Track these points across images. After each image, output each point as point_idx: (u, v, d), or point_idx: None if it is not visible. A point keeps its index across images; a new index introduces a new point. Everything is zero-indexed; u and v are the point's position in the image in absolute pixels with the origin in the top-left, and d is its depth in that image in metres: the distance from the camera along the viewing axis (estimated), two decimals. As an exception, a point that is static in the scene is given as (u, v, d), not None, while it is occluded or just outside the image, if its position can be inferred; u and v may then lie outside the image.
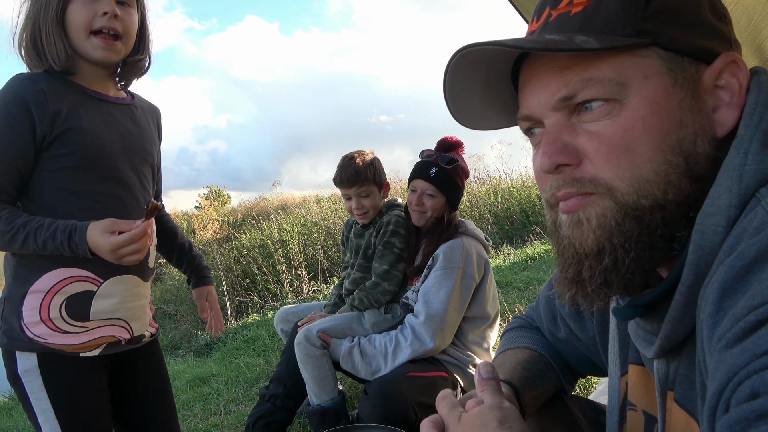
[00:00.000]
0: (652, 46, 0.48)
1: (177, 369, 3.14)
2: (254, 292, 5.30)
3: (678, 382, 0.51)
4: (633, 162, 0.47)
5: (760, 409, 0.31)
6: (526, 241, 5.51)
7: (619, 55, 0.48)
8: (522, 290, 3.40)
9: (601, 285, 0.49)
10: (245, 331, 3.63)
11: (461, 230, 1.76)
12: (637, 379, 0.63)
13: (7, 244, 0.99)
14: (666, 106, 0.47)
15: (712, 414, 0.36)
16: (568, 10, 0.51)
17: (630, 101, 0.47)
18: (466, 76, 0.56)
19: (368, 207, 1.89)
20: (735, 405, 0.33)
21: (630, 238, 0.48)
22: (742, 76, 0.49)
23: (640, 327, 0.56)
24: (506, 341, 0.89)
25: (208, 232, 10.67)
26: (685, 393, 0.50)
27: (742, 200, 0.43)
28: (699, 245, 0.45)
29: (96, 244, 0.98)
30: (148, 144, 1.19)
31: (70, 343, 1.03)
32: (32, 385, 1.01)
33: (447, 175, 1.76)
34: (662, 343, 0.50)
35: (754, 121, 0.46)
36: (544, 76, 0.51)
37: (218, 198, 15.43)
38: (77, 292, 1.04)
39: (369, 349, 1.67)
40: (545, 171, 0.51)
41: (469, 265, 1.68)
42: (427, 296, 1.65)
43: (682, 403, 0.50)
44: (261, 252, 5.89)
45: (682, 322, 0.47)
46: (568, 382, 0.82)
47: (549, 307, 0.84)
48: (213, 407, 2.34)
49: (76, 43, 1.03)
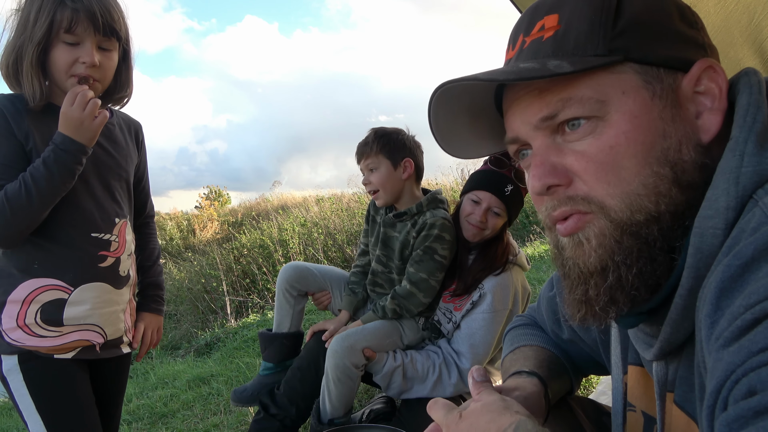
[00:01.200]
0: (627, 62, 0.49)
1: (177, 369, 3.14)
2: (254, 292, 5.30)
3: (678, 384, 0.51)
4: (621, 178, 0.48)
5: (757, 406, 0.31)
6: (526, 241, 5.51)
7: (594, 74, 0.48)
8: (522, 290, 3.41)
9: (608, 303, 0.49)
10: (245, 331, 3.63)
11: (512, 258, 1.60)
12: (636, 380, 0.63)
13: (33, 202, 1.04)
14: (647, 118, 0.48)
15: (711, 413, 0.36)
16: (540, 35, 0.52)
17: (611, 117, 0.48)
18: (449, 108, 0.58)
19: (376, 184, 1.65)
20: (733, 403, 0.33)
21: (630, 254, 0.48)
22: (721, 81, 0.49)
23: (639, 330, 0.56)
24: (515, 338, 0.89)
25: (208, 232, 10.68)
26: (685, 395, 0.50)
27: (740, 202, 0.43)
28: (698, 248, 0.45)
29: (69, 124, 1.05)
30: (123, 160, 1.24)
31: (45, 345, 1.10)
32: (15, 383, 1.09)
33: (519, 196, 1.56)
34: (662, 346, 0.50)
35: (747, 123, 0.46)
36: (525, 99, 0.52)
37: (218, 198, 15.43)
38: (50, 300, 1.11)
39: (410, 372, 1.57)
40: (537, 193, 0.52)
41: (516, 304, 1.58)
42: (473, 339, 1.54)
43: (682, 405, 0.50)
44: (261, 252, 5.89)
45: (681, 325, 0.47)
46: (576, 381, 0.83)
47: (551, 308, 0.84)
48: (213, 407, 2.34)
49: (56, 79, 1.10)
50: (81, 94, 1.05)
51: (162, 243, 10.98)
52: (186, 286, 6.04)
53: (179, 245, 10.55)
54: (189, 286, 5.99)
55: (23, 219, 1.04)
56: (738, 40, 0.99)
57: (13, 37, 1.08)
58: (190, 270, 6.46)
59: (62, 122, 1.05)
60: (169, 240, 11.03)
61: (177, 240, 10.93)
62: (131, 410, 2.44)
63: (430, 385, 1.56)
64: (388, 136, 1.66)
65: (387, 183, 1.66)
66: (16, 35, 1.07)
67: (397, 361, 1.57)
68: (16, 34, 1.07)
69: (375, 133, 1.68)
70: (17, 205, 1.02)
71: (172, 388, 2.71)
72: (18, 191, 1.03)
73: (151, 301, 1.38)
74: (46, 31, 1.04)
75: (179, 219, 12.26)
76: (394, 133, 1.68)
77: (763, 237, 0.38)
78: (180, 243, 10.71)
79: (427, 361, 1.59)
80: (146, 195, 1.37)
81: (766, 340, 0.33)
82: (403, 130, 1.72)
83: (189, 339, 4.46)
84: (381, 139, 1.65)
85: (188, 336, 4.66)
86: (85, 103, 1.05)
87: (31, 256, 1.10)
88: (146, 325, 1.34)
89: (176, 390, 2.66)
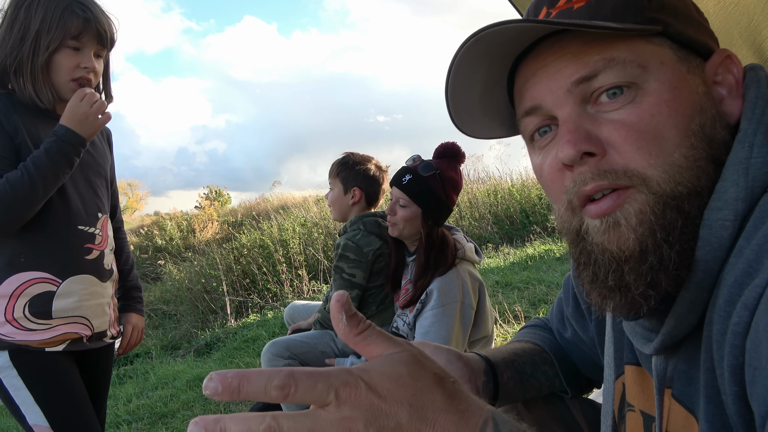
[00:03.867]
0: (662, 36, 0.48)
1: (177, 369, 3.14)
2: (254, 292, 5.30)
3: (676, 378, 0.50)
4: (663, 148, 0.45)
5: None
6: (526, 241, 5.51)
7: (633, 40, 0.47)
8: (522, 290, 3.41)
9: (648, 286, 0.45)
10: (245, 331, 3.63)
11: (458, 257, 1.62)
12: (633, 379, 0.62)
13: (36, 190, 1.07)
14: (685, 91, 0.47)
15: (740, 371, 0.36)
16: (569, 6, 0.50)
17: (650, 86, 0.46)
18: (469, 71, 0.54)
19: (329, 201, 1.90)
20: None
21: (674, 230, 0.45)
22: (737, 71, 0.51)
23: (638, 324, 0.54)
24: (516, 336, 0.90)
25: (208, 232, 10.67)
26: (683, 389, 0.49)
27: (750, 193, 0.43)
28: (706, 240, 0.44)
29: (74, 117, 1.10)
30: (101, 159, 1.31)
31: (35, 339, 1.12)
32: (10, 380, 1.10)
33: (423, 184, 1.59)
34: (664, 339, 0.49)
35: (756, 116, 0.46)
36: (555, 64, 0.49)
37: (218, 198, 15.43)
38: (38, 293, 1.12)
39: None
40: (570, 161, 0.47)
41: (467, 295, 1.58)
42: (428, 337, 1.55)
43: (680, 400, 0.50)
44: (261, 252, 5.88)
45: (686, 318, 0.46)
46: (569, 382, 0.81)
47: (558, 308, 0.84)
48: (213, 407, 2.34)
49: (56, 83, 1.15)
50: (90, 93, 1.13)
51: (162, 243, 10.97)
52: (186, 286, 6.03)
53: (179, 245, 10.54)
54: (189, 286, 5.98)
55: (24, 206, 1.07)
56: (737, 41, 0.99)
57: (4, 38, 1.11)
58: (190, 270, 6.45)
59: (67, 116, 1.11)
60: (169, 240, 11.02)
61: (177, 240, 10.92)
62: (131, 410, 2.44)
63: None
64: (347, 165, 1.89)
65: (336, 203, 1.92)
66: (14, 39, 1.10)
67: (361, 360, 1.65)
68: (14, 38, 1.10)
69: (342, 159, 1.90)
70: (20, 192, 1.05)
71: (172, 388, 2.71)
72: (21, 179, 1.05)
73: (135, 302, 1.43)
74: (59, 38, 1.10)
75: (179, 219, 12.26)
76: (356, 164, 1.89)
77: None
78: (180, 243, 10.70)
79: None
80: (116, 198, 1.43)
81: None
82: (369, 161, 1.91)
83: (189, 339, 4.46)
84: (341, 166, 1.90)
85: (188, 336, 4.65)
86: (92, 101, 1.12)
87: (16, 249, 1.11)
88: (134, 325, 1.40)
89: (176, 390, 2.66)
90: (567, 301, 0.79)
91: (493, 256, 4.97)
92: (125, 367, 3.64)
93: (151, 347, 4.24)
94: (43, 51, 1.09)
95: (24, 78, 1.11)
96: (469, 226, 6.33)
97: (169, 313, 5.94)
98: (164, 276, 7.11)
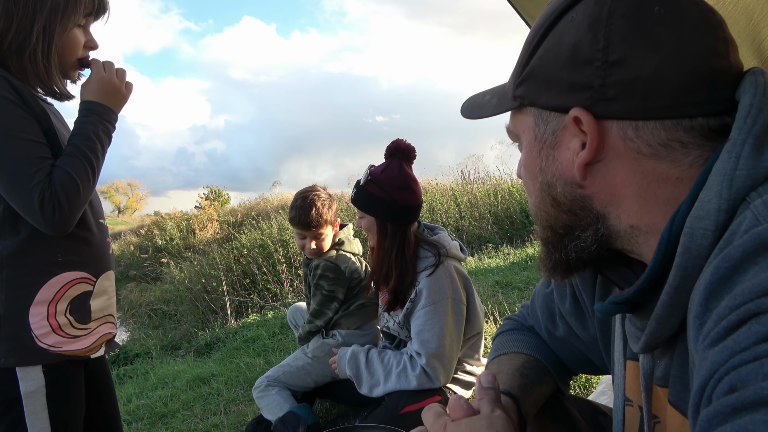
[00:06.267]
0: (531, 105, 0.57)
1: (177, 369, 3.14)
2: (254, 292, 5.30)
3: (672, 383, 0.52)
4: (529, 192, 0.61)
5: (735, 403, 0.32)
6: (526, 241, 5.51)
7: (516, 113, 0.61)
8: (522, 290, 3.41)
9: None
10: (245, 331, 3.63)
11: (443, 254, 1.63)
12: (632, 375, 0.63)
13: (95, 176, 1.01)
14: (531, 155, 0.58)
15: (696, 410, 0.37)
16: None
17: (522, 148, 0.61)
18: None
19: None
20: (715, 400, 0.35)
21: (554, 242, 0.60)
22: (586, 135, 0.51)
23: (631, 323, 0.57)
24: (499, 345, 0.89)
25: (208, 232, 10.67)
26: (679, 394, 0.51)
27: (732, 205, 0.43)
28: (687, 248, 0.45)
29: (107, 91, 1.04)
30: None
31: (81, 347, 1.05)
32: (34, 406, 0.97)
33: (364, 193, 1.65)
34: (647, 340, 0.52)
35: (747, 125, 0.46)
36: None
37: (218, 198, 15.44)
38: (78, 294, 1.04)
39: (376, 360, 1.64)
40: None
41: (456, 291, 1.60)
42: (421, 336, 1.56)
43: (676, 405, 0.51)
44: (261, 252, 5.88)
45: (667, 322, 0.48)
46: (564, 382, 0.82)
47: (547, 304, 0.84)
48: (213, 407, 2.34)
49: (63, 63, 1.05)
50: (110, 63, 1.05)
51: (162, 243, 10.99)
52: (186, 286, 6.04)
53: (179, 245, 10.55)
54: (189, 286, 5.99)
55: (88, 195, 0.99)
56: (737, 41, 0.99)
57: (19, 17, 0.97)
58: (190, 270, 6.46)
59: (98, 90, 1.03)
60: (169, 240, 11.04)
61: (177, 240, 10.93)
62: (131, 410, 2.44)
63: (394, 375, 1.58)
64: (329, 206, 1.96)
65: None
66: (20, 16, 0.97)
67: (363, 349, 1.69)
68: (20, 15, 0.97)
69: (320, 204, 1.93)
70: (85, 180, 0.97)
71: (172, 388, 2.71)
72: (80, 166, 0.96)
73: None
74: (78, 16, 1.02)
75: (179, 219, 12.26)
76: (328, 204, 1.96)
77: (751, 239, 0.39)
78: (180, 243, 10.71)
79: (396, 356, 1.63)
80: None
81: (749, 339, 0.34)
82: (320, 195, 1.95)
83: (189, 339, 4.46)
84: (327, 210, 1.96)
85: (188, 336, 4.66)
86: (115, 70, 1.05)
87: (52, 248, 1.00)
88: None
89: (176, 390, 2.66)
90: (562, 299, 0.79)
91: (493, 256, 4.97)
92: (125, 367, 3.65)
93: (151, 347, 4.25)
94: (61, 31, 1.00)
95: (32, 57, 0.99)
96: (469, 226, 6.33)
97: (169, 313, 5.95)
98: (164, 276, 7.12)
